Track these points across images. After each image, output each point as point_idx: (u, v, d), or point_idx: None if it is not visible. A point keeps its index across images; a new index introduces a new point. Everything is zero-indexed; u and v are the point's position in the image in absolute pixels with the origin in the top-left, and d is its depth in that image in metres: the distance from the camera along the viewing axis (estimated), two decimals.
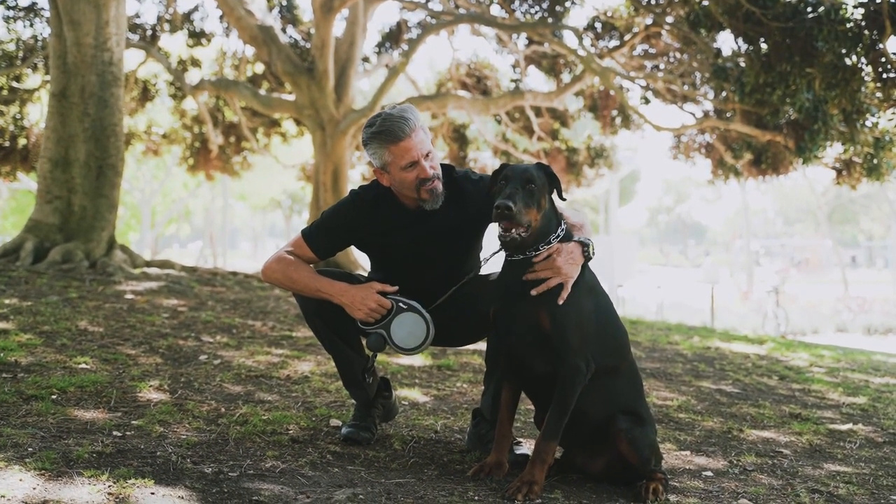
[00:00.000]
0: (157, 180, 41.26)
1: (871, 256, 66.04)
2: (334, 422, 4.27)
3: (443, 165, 3.93)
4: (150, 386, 4.58)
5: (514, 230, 3.41)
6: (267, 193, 46.39)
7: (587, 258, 3.55)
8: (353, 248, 4.24)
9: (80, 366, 4.86)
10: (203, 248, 48.13)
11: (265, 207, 52.72)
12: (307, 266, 3.90)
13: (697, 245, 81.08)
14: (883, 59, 10.12)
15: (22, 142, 16.75)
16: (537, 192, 3.44)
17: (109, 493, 2.96)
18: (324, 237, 3.94)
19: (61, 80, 9.23)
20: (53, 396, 4.20)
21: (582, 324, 3.50)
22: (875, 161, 12.30)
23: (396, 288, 3.84)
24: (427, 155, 3.77)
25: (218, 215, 45.57)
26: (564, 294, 3.45)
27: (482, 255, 4.13)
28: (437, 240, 3.93)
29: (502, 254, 3.68)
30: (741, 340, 9.20)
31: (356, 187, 4.03)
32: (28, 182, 26.30)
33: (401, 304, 3.79)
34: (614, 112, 17.42)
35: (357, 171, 20.38)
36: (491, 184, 3.59)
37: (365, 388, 4.06)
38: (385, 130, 3.73)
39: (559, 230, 3.55)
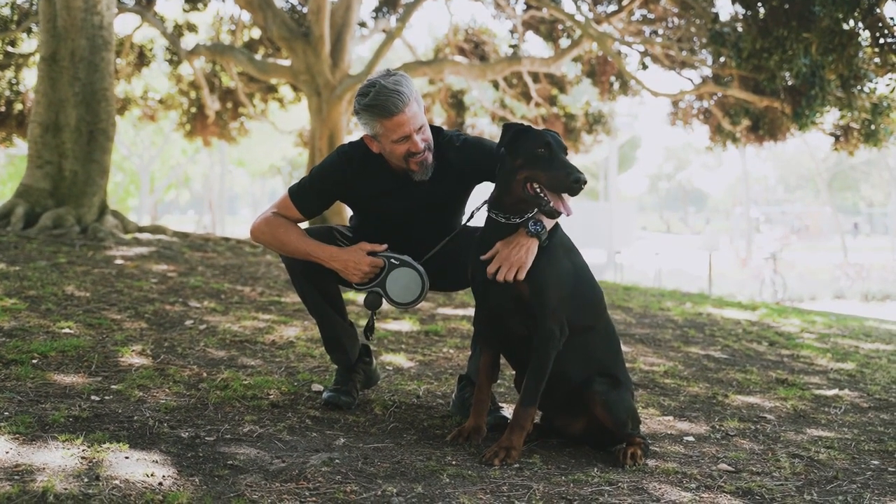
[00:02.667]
0: (155, 146, 41.16)
1: (872, 223, 65.95)
2: (316, 387, 4.26)
3: (431, 127, 3.89)
4: (133, 351, 4.57)
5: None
6: (266, 160, 46.29)
7: (538, 238, 3.50)
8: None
9: (64, 330, 4.85)
10: (202, 217, 48.08)
11: (265, 174, 52.61)
12: (296, 228, 3.87)
13: (698, 212, 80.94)
14: (880, 24, 10.03)
15: (18, 107, 16.65)
16: None
17: (83, 458, 2.95)
18: (311, 197, 3.89)
19: (51, 44, 9.16)
20: (34, 361, 4.19)
21: (559, 285, 3.51)
22: (873, 127, 12.22)
23: (385, 246, 3.82)
24: (420, 129, 3.72)
25: (217, 182, 45.49)
26: (522, 277, 3.44)
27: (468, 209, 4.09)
28: (423, 204, 3.90)
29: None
30: (734, 307, 9.20)
31: (344, 144, 3.97)
32: (25, 148, 26.17)
33: (392, 261, 3.77)
34: (612, 78, 17.31)
35: (354, 137, 20.26)
36: (506, 141, 3.52)
37: (347, 353, 4.05)
38: (378, 105, 3.65)
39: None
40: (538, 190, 3.41)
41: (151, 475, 2.86)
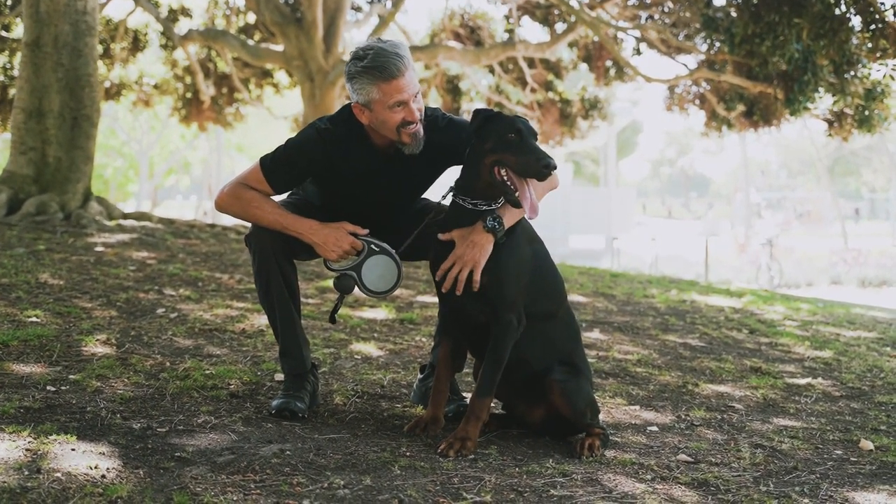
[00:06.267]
0: (154, 131, 41.11)
1: (874, 209, 65.83)
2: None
3: None
4: (97, 340, 4.53)
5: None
6: (265, 145, 46.14)
7: (494, 235, 3.44)
8: None
9: (30, 319, 4.81)
10: (202, 202, 48.01)
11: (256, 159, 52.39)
12: (270, 200, 3.68)
13: (699, 197, 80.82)
14: (871, 10, 9.96)
15: (13, 92, 16.56)
16: None
17: (27, 450, 2.92)
18: (285, 174, 3.70)
19: (34, 29, 9.10)
20: None
21: (519, 275, 3.49)
22: (866, 113, 12.16)
23: (367, 231, 3.70)
24: (415, 96, 3.57)
25: (215, 167, 45.40)
26: (476, 280, 3.42)
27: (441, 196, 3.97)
28: (399, 184, 3.81)
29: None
30: (720, 294, 9.15)
31: (321, 120, 3.76)
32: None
33: (372, 247, 3.66)
34: (608, 63, 17.24)
35: None
36: (475, 126, 3.46)
37: (304, 359, 3.82)
38: (378, 66, 3.48)
39: None
40: (505, 176, 3.37)
41: (95, 467, 2.83)
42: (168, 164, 45.24)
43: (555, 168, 3.31)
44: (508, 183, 3.36)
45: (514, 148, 3.35)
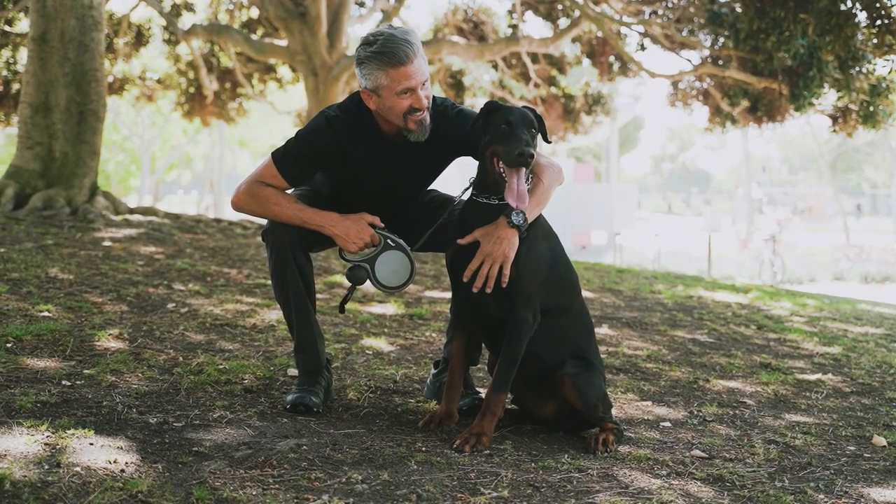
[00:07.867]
0: (156, 126, 41.07)
1: (875, 205, 65.85)
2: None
3: None
4: (110, 334, 4.53)
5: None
6: (268, 140, 46.16)
7: (519, 230, 3.44)
8: None
9: (42, 314, 4.81)
10: (203, 197, 48.01)
11: (266, 154, 52.29)
12: (287, 195, 3.69)
13: (700, 193, 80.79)
14: (877, 5, 9.96)
15: (16, 87, 16.56)
16: (535, 136, 3.44)
17: (46, 444, 2.93)
18: (298, 164, 3.70)
19: (41, 23, 9.10)
20: (8, 345, 4.15)
21: (537, 272, 3.50)
22: (871, 108, 12.14)
23: (384, 226, 3.72)
24: (423, 83, 3.59)
25: (217, 162, 45.36)
26: (506, 275, 3.42)
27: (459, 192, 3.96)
28: (408, 172, 3.82)
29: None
30: (726, 289, 9.15)
31: (329, 108, 3.77)
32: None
33: (388, 241, 3.67)
34: (612, 58, 17.23)
35: None
36: (481, 121, 3.50)
37: (319, 355, 3.80)
38: (388, 52, 3.51)
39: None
40: (501, 168, 3.39)
41: (114, 462, 2.84)
42: (170, 159, 45.20)
43: (529, 156, 3.31)
44: (503, 174, 3.38)
45: (504, 138, 3.37)
